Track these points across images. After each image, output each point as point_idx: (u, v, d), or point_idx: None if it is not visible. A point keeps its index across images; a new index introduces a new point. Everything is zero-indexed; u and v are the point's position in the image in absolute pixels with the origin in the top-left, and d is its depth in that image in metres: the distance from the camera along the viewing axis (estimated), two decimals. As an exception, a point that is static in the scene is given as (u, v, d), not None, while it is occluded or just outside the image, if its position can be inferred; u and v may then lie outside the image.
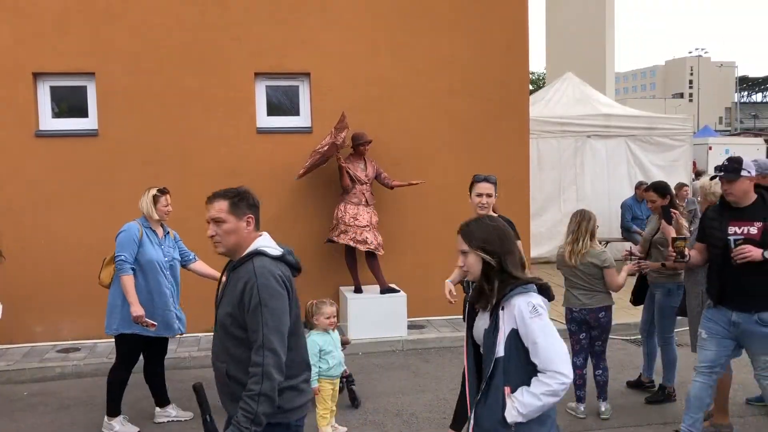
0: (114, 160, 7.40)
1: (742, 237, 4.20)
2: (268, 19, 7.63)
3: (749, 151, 23.08)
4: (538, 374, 2.51)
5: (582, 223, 5.27)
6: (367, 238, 7.33)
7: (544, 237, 11.39)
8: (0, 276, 6.51)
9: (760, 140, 25.40)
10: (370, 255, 7.46)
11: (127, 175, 7.43)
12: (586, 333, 5.31)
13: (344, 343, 5.50)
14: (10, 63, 7.20)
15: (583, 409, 5.37)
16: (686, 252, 4.46)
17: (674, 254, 4.51)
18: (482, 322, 2.68)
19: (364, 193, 7.41)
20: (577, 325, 5.31)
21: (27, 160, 7.28)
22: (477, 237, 2.63)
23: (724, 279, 4.29)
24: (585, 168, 11.65)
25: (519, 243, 4.29)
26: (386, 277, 7.85)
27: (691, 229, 11.33)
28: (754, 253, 4.10)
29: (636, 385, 5.91)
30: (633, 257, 5.78)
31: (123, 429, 5.09)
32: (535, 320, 2.51)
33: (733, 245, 4.20)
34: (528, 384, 2.52)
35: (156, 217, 5.11)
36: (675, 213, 5.16)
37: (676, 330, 8.09)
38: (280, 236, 8.39)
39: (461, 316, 7.76)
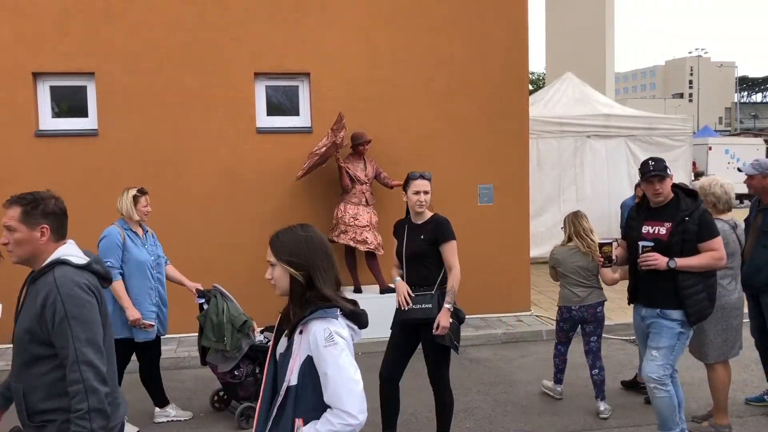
0: (114, 160, 7.40)
1: (651, 241, 4.25)
2: (268, 19, 7.63)
3: (749, 151, 23.13)
4: (327, 410, 2.24)
5: (583, 222, 5.42)
6: (366, 238, 7.33)
7: (543, 237, 11.39)
8: (0, 276, 6.50)
9: (759, 140, 25.44)
10: (370, 255, 7.47)
11: (126, 175, 7.42)
12: (579, 329, 5.47)
13: None
14: (10, 63, 7.20)
15: (560, 390, 5.56)
16: (613, 256, 4.52)
17: (602, 259, 4.60)
18: (281, 342, 2.44)
19: (363, 193, 7.41)
20: (571, 323, 5.46)
21: (27, 160, 7.28)
22: (285, 248, 2.37)
23: (636, 278, 4.42)
24: (585, 168, 11.65)
25: (453, 243, 4.35)
26: (385, 277, 7.85)
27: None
28: (660, 262, 4.17)
29: (632, 385, 5.91)
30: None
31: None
32: (329, 349, 2.24)
33: (640, 251, 4.26)
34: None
35: (136, 217, 5.07)
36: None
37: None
38: (279, 236, 8.29)
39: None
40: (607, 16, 18.97)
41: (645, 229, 4.32)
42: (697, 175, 14.11)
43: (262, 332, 5.51)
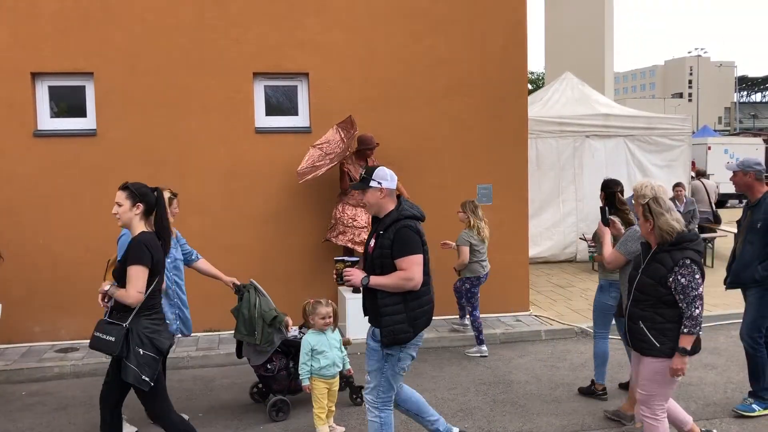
0: (112, 160, 7.40)
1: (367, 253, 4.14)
2: (267, 19, 7.63)
3: (748, 150, 23.11)
4: None
5: (479, 211, 7.04)
6: (365, 239, 7.34)
7: (542, 237, 11.40)
8: (0, 276, 6.52)
9: (759, 140, 25.43)
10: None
11: (125, 175, 7.35)
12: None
13: (345, 344, 5.53)
14: (9, 63, 7.20)
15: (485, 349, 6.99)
16: (344, 275, 4.10)
17: (335, 276, 4.20)
18: None
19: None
20: (477, 288, 7.04)
21: (25, 159, 7.28)
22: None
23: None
24: (584, 168, 11.65)
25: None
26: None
27: (690, 227, 11.35)
28: (354, 278, 4.04)
29: (588, 392, 5.77)
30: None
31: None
32: None
33: (340, 265, 4.15)
34: None
35: (171, 219, 5.09)
36: (612, 219, 5.17)
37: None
38: (278, 236, 8.44)
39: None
40: (606, 16, 18.95)
41: (371, 242, 4.12)
42: (698, 174, 14.10)
43: (299, 328, 5.52)
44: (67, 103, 7.60)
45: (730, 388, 5.86)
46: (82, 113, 7.53)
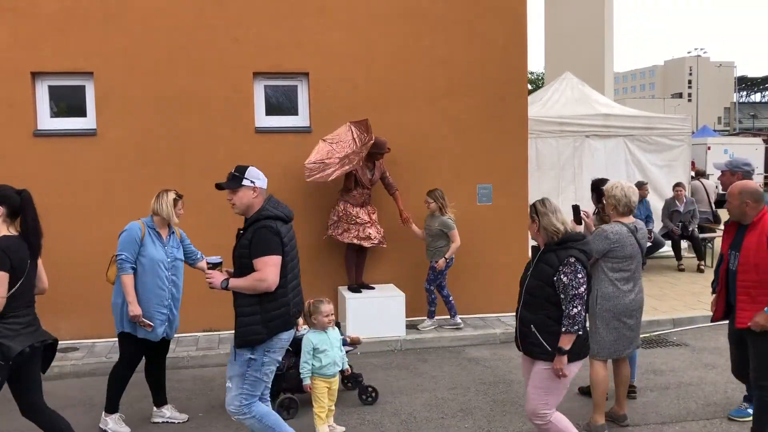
0: (112, 160, 7.40)
1: (220, 259, 4.11)
2: (267, 19, 7.63)
3: (748, 150, 23.12)
4: None
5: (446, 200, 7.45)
6: (370, 233, 7.38)
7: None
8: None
9: (758, 140, 25.45)
10: (362, 251, 7.53)
11: (125, 175, 7.43)
12: None
13: (355, 343, 5.55)
14: (9, 62, 7.20)
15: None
16: (206, 278, 4.03)
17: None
18: None
19: (364, 196, 7.43)
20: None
21: (25, 159, 7.27)
22: None
23: None
24: (583, 168, 11.64)
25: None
26: (385, 277, 7.87)
27: (690, 228, 11.36)
28: (215, 281, 3.97)
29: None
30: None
31: (115, 427, 5.09)
32: None
33: (207, 267, 4.07)
34: None
35: (176, 221, 5.13)
36: (585, 212, 5.16)
37: (676, 329, 8.11)
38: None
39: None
40: (606, 16, 18.94)
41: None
42: (698, 174, 14.09)
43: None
44: (67, 102, 7.60)
45: (730, 388, 5.86)
46: (82, 113, 7.53)
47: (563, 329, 3.86)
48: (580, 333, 3.89)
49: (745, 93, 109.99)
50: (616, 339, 4.87)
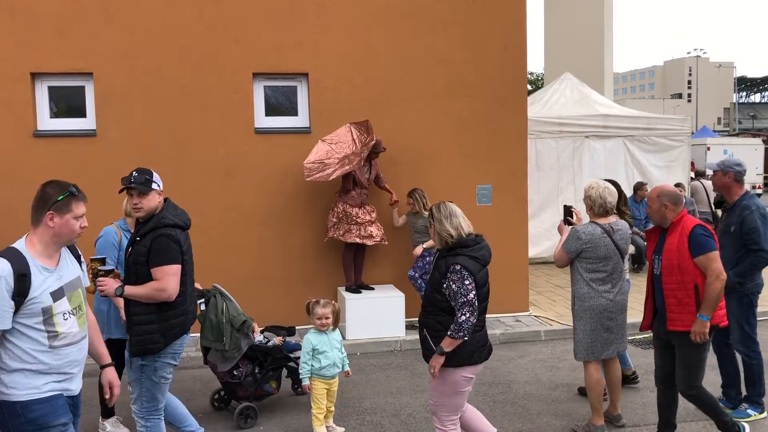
0: (112, 161, 7.40)
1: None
2: (266, 19, 7.63)
3: (748, 151, 23.14)
4: None
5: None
6: (371, 232, 7.39)
7: (542, 237, 11.40)
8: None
9: (758, 140, 25.46)
10: (361, 251, 7.54)
11: (125, 175, 7.41)
12: None
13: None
14: (9, 63, 7.20)
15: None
16: (98, 284, 4.00)
17: (90, 275, 4.07)
18: None
19: (362, 196, 7.43)
20: None
21: (25, 160, 7.28)
22: None
23: None
24: (583, 168, 11.65)
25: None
26: (384, 277, 7.87)
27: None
28: (108, 288, 3.93)
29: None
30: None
31: (113, 430, 5.09)
32: None
33: (96, 274, 4.01)
34: None
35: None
36: (577, 212, 5.13)
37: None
38: (277, 236, 8.43)
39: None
40: (605, 17, 18.97)
41: (129, 247, 4.05)
42: (698, 174, 14.10)
43: (262, 332, 5.50)
44: (67, 103, 7.60)
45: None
46: (81, 113, 7.53)
47: (449, 333, 3.85)
48: (466, 339, 3.86)
49: (744, 93, 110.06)
50: (593, 340, 4.85)
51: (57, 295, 2.96)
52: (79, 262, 3.35)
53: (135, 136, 7.44)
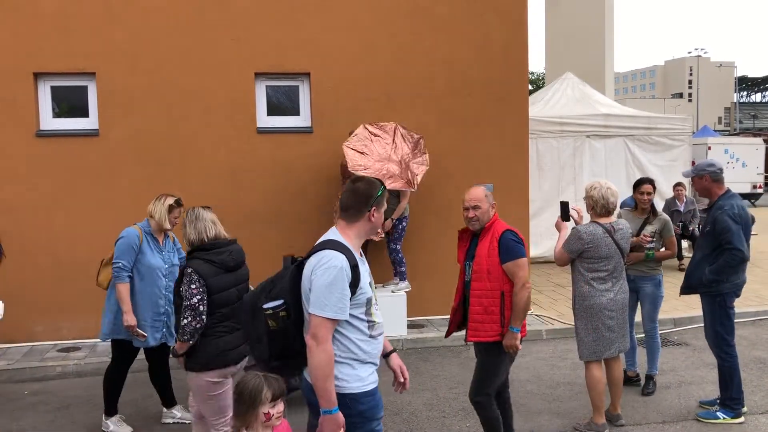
0: (114, 160, 7.42)
1: None
2: (268, 19, 7.65)
3: (748, 150, 23.13)
4: None
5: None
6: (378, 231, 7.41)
7: (543, 237, 11.40)
8: (0, 275, 6.53)
9: (759, 140, 25.41)
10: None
11: (127, 175, 7.45)
12: None
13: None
14: (11, 63, 7.22)
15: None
16: None
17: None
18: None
19: None
20: None
21: (28, 159, 7.29)
22: None
23: None
24: (584, 168, 11.66)
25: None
26: (385, 277, 7.87)
27: (691, 228, 11.36)
28: None
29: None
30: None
31: (116, 429, 5.11)
32: None
33: None
34: None
35: (168, 226, 4.98)
36: (576, 209, 5.12)
37: (677, 328, 8.13)
38: (280, 236, 8.41)
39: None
40: (606, 16, 18.96)
41: None
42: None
43: None
44: (69, 103, 7.62)
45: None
46: (84, 113, 7.55)
47: (177, 336, 3.90)
48: (192, 343, 3.84)
49: (745, 93, 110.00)
50: (595, 339, 4.86)
51: (372, 285, 3.03)
52: None
53: (137, 136, 7.45)
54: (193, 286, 3.81)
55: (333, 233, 3.00)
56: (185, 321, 3.80)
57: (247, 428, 2.76)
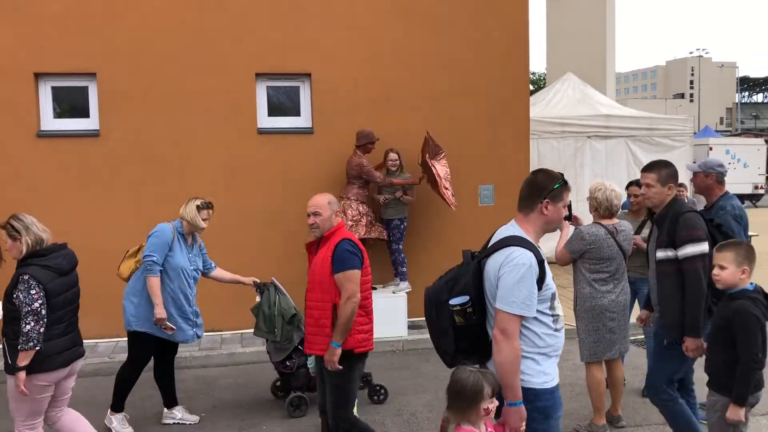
0: (115, 161, 7.42)
1: None
2: (269, 19, 7.65)
3: (750, 151, 23.13)
4: None
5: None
6: (379, 226, 7.42)
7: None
8: (1, 276, 6.53)
9: (760, 141, 25.42)
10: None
11: (127, 175, 7.45)
12: None
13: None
14: (12, 63, 7.22)
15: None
16: None
17: None
18: None
19: (366, 192, 7.44)
20: None
21: (28, 160, 7.30)
22: None
23: None
24: (585, 169, 11.66)
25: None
26: (386, 277, 7.87)
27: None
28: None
29: None
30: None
31: (119, 427, 5.11)
32: None
33: None
34: None
35: (203, 225, 5.12)
36: (575, 216, 5.08)
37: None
38: (280, 237, 8.42)
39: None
40: (607, 17, 18.95)
41: None
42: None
43: None
44: (70, 103, 7.63)
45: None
46: (85, 114, 7.56)
47: (18, 346, 3.77)
48: (38, 348, 3.79)
49: (747, 93, 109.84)
50: (595, 341, 4.87)
51: (553, 280, 3.00)
52: None
53: (138, 137, 7.46)
54: (33, 292, 3.81)
55: (513, 227, 2.97)
56: (28, 327, 3.76)
57: (468, 423, 2.77)
